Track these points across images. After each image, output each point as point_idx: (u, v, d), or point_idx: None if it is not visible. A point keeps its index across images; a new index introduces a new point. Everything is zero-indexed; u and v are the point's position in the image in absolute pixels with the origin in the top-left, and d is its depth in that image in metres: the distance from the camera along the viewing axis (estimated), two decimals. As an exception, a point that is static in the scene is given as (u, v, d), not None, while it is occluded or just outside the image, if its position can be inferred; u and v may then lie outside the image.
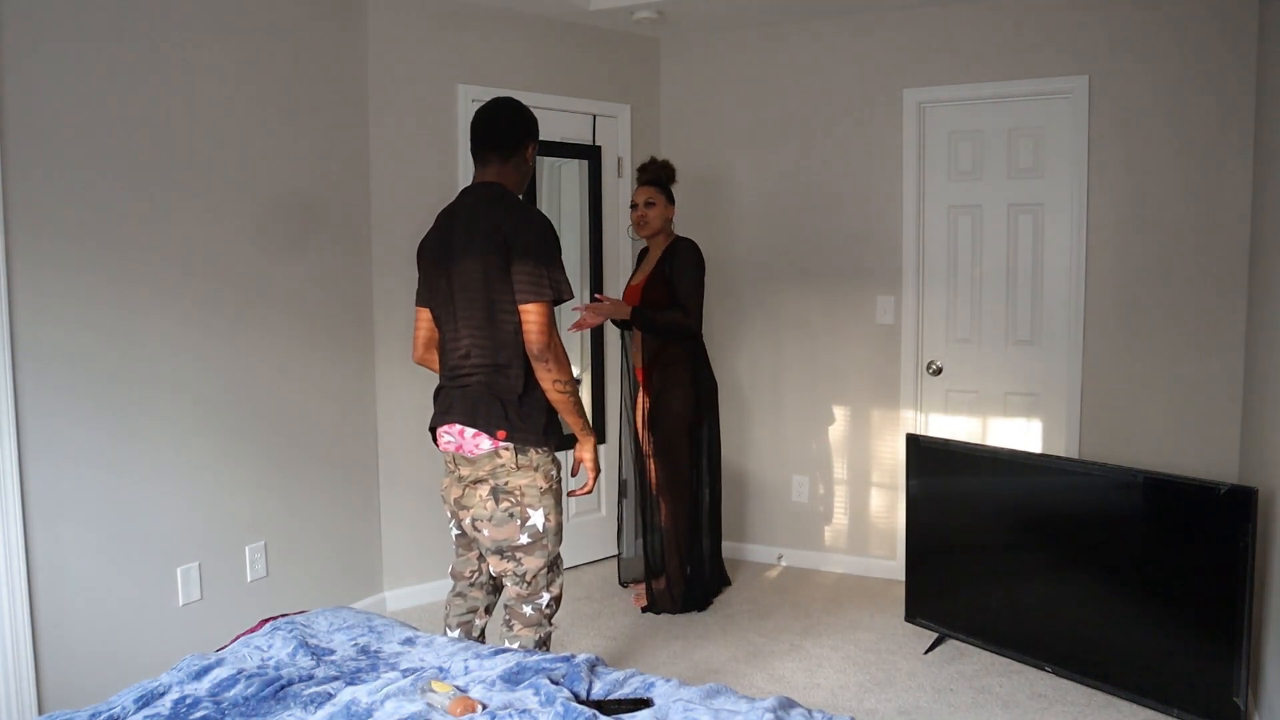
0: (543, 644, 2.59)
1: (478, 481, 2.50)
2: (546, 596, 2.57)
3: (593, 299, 4.04)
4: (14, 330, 2.69)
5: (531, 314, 2.40)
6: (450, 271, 2.51)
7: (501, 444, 2.44)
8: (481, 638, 2.82)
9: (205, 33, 3.19)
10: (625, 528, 4.22)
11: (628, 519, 4.20)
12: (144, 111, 3.01)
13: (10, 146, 2.67)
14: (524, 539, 2.48)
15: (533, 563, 2.51)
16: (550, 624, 2.62)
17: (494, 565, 2.55)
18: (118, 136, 2.94)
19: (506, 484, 2.46)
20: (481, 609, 2.79)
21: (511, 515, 2.46)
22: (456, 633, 2.76)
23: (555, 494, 2.54)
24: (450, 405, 2.53)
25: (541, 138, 4.14)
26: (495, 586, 2.79)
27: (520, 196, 2.64)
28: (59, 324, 2.82)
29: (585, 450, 2.66)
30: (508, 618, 2.59)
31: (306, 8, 3.56)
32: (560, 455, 2.64)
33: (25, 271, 2.72)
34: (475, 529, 2.52)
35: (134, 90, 2.98)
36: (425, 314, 2.71)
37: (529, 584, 2.53)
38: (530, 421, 2.46)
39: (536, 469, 2.49)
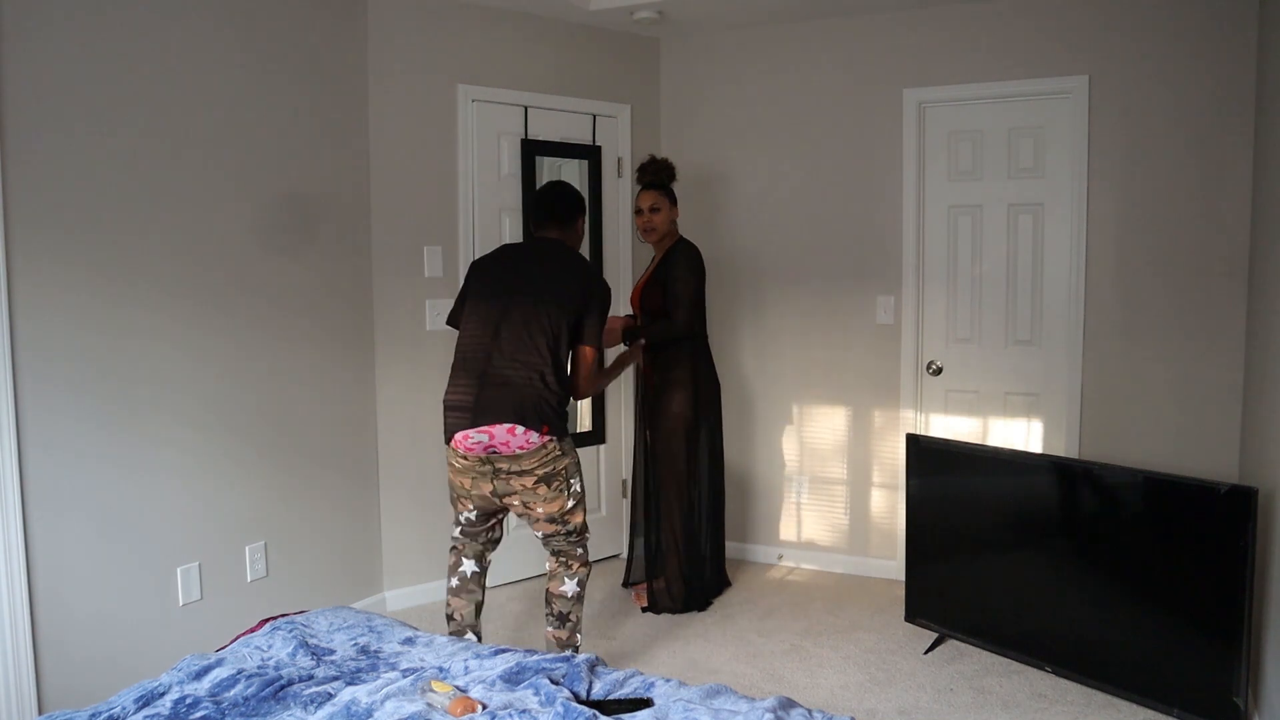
0: (584, 582, 3.18)
1: (521, 472, 2.94)
2: (588, 538, 3.22)
3: None
4: (14, 327, 2.69)
5: (587, 354, 3.08)
6: (517, 300, 3.00)
7: (548, 438, 2.94)
8: (478, 637, 2.93)
9: (206, 30, 3.19)
10: (627, 527, 4.22)
11: (627, 519, 4.20)
12: (143, 108, 3.01)
13: (10, 141, 2.67)
14: (571, 503, 3.08)
15: (577, 518, 3.12)
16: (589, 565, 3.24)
17: (545, 529, 3.09)
18: (117, 133, 2.94)
19: (555, 468, 2.99)
20: (479, 603, 3.15)
21: (561, 490, 3.02)
22: (468, 616, 3.14)
23: (580, 464, 3.17)
24: (490, 407, 2.92)
25: (542, 138, 4.27)
26: (481, 583, 3.22)
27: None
28: (59, 321, 2.82)
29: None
30: (564, 561, 3.14)
31: (307, 7, 3.56)
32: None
33: (25, 268, 2.72)
34: (527, 508, 3.03)
35: (134, 87, 2.98)
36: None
37: (577, 534, 3.14)
38: (563, 423, 3.02)
39: (572, 449, 3.09)
